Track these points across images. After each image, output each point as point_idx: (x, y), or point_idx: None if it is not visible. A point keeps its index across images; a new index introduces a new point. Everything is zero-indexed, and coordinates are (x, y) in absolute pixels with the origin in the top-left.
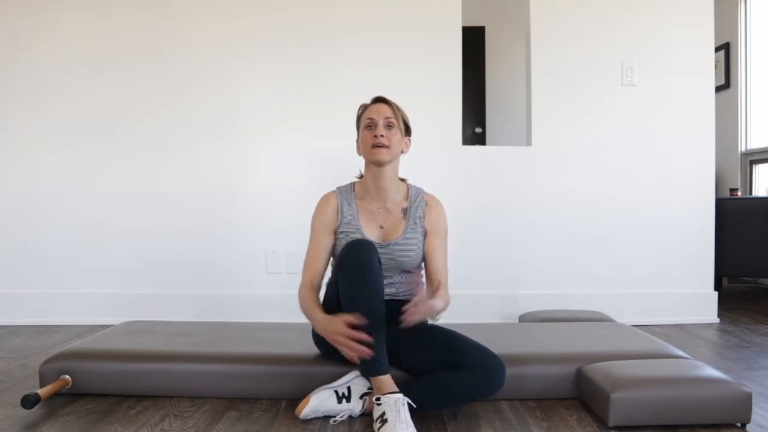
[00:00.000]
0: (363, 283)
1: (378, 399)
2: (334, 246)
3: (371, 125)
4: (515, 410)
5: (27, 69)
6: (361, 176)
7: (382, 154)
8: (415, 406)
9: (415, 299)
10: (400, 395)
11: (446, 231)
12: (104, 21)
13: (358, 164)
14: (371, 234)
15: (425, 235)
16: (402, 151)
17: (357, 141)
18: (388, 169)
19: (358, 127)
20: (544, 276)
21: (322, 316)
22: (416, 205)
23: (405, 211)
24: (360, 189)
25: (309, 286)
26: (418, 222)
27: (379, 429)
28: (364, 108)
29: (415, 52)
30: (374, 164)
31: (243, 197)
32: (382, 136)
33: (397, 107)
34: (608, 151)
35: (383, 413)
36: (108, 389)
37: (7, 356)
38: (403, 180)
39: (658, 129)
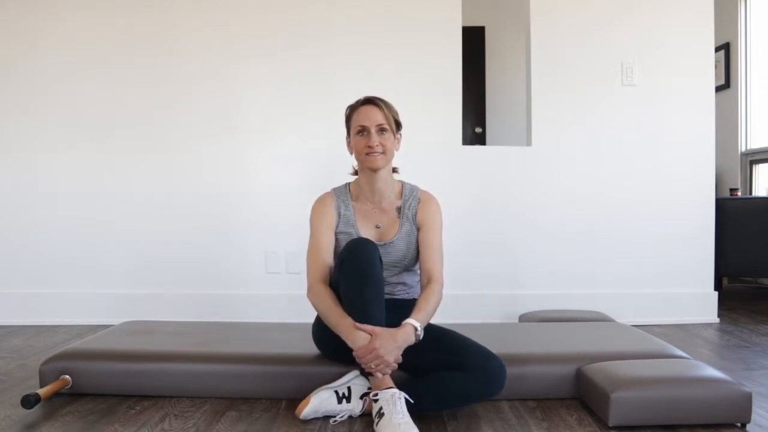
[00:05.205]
0: (364, 285)
1: (375, 395)
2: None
3: (363, 131)
4: (515, 410)
5: (27, 69)
6: (355, 172)
7: (377, 162)
8: (412, 401)
9: (368, 345)
10: (397, 390)
11: (440, 226)
12: (104, 21)
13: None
14: (368, 234)
15: (419, 230)
16: (395, 149)
17: (347, 140)
18: (382, 172)
19: (347, 127)
20: (544, 276)
21: (356, 334)
22: (410, 203)
23: (399, 209)
24: (355, 190)
25: (321, 281)
26: (411, 219)
27: (377, 424)
28: (351, 110)
29: (415, 52)
30: (369, 170)
31: (243, 197)
32: (377, 144)
33: (387, 107)
34: (608, 151)
35: (380, 408)
36: (108, 389)
37: (7, 356)
38: (395, 170)
39: (658, 129)
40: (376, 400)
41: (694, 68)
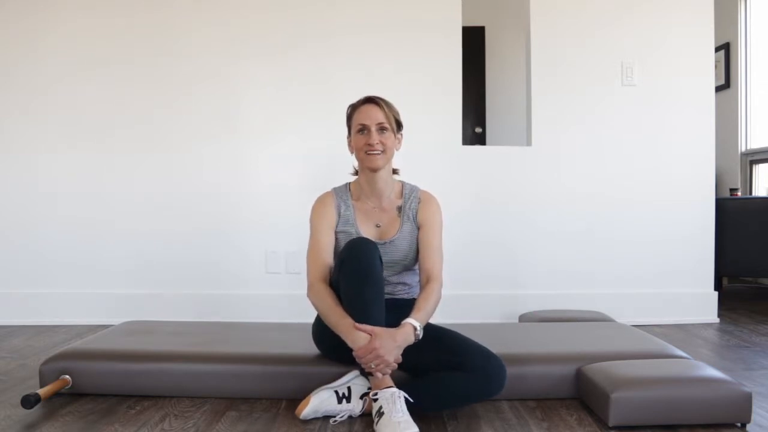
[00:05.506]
0: (364, 285)
1: (375, 395)
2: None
3: (363, 130)
4: (515, 410)
5: (27, 69)
6: (356, 172)
7: (378, 161)
8: (412, 400)
9: (367, 345)
10: (396, 389)
11: (440, 226)
12: (104, 21)
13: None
14: (368, 233)
15: (419, 230)
16: (395, 149)
17: (348, 139)
18: (382, 173)
19: (348, 126)
20: (544, 276)
21: (356, 334)
22: (410, 203)
23: (400, 209)
24: (355, 189)
25: (321, 281)
26: (412, 219)
27: (377, 423)
28: (353, 108)
29: (415, 52)
30: (369, 169)
31: (243, 197)
32: (377, 143)
33: (388, 106)
34: (608, 151)
35: (380, 407)
36: (108, 389)
37: (7, 356)
38: (395, 171)
39: (658, 129)
40: (375, 400)
41: (694, 68)
